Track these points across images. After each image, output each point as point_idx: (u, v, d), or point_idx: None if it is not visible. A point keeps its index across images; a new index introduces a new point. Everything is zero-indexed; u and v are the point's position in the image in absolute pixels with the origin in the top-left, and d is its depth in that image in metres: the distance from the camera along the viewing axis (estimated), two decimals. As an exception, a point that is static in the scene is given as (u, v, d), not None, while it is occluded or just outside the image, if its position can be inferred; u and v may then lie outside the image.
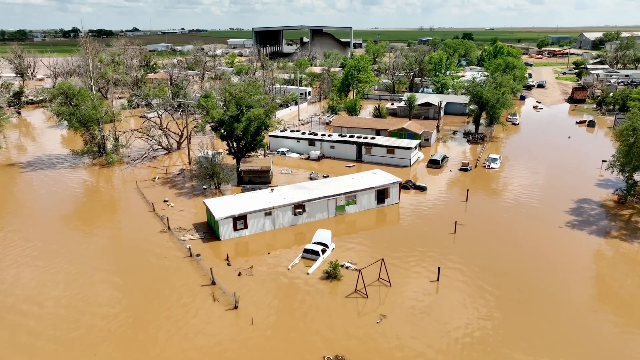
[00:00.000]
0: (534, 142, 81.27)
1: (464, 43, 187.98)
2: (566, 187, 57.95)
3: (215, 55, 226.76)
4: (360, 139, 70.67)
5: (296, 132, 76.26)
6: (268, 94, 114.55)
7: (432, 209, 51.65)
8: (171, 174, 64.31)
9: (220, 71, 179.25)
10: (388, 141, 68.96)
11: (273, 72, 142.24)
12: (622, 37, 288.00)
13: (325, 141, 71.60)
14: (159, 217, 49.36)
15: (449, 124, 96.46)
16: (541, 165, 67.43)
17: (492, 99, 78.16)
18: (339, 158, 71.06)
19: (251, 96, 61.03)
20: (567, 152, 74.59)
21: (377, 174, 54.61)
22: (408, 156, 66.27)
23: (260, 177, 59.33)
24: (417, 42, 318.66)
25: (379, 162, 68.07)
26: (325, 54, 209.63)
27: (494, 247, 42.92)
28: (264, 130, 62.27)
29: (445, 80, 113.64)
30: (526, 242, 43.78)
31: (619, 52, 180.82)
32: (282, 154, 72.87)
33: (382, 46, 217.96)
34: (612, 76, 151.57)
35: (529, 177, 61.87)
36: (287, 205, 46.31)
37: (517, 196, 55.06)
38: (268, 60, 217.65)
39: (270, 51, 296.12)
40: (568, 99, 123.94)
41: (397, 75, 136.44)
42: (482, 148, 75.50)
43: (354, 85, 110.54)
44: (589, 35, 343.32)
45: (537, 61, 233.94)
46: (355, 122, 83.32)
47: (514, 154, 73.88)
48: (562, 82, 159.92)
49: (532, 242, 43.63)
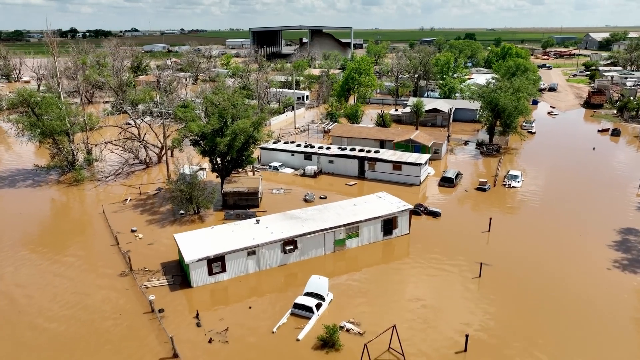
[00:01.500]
0: (554, 154, 73.08)
1: (470, 44, 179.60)
2: (603, 212, 49.77)
3: (210, 56, 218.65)
4: (362, 152, 62.47)
5: (290, 144, 68.06)
6: (262, 98, 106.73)
7: (449, 242, 43.44)
8: (147, 194, 56.14)
9: (215, 73, 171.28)
10: (394, 155, 60.77)
11: (268, 75, 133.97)
12: (631, 37, 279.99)
13: (323, 155, 63.40)
14: (122, 253, 41.17)
15: (458, 132, 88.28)
16: (568, 183, 59.24)
17: (510, 107, 69.99)
18: (338, 174, 62.89)
19: (236, 106, 52.93)
20: (595, 166, 66.40)
21: (383, 198, 46.42)
22: (417, 173, 58.11)
23: (247, 199, 51.18)
24: (419, 42, 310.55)
25: (384, 179, 59.94)
26: (325, 54, 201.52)
27: (532, 298, 34.72)
28: (253, 145, 54.21)
29: (453, 83, 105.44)
30: (570, 291, 35.56)
31: (633, 53, 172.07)
32: (275, 169, 64.70)
33: (384, 47, 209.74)
34: (627, 78, 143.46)
35: (557, 200, 53.67)
36: (275, 242, 38.14)
37: (548, 225, 46.84)
38: (265, 62, 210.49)
39: (269, 52, 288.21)
40: (584, 104, 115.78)
41: (401, 78, 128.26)
42: (499, 162, 67.31)
43: (354, 90, 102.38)
44: (595, 35, 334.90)
45: (543, 62, 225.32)
46: (356, 132, 75.15)
47: (535, 168, 65.69)
48: (574, 84, 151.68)
49: (577, 291, 35.42)
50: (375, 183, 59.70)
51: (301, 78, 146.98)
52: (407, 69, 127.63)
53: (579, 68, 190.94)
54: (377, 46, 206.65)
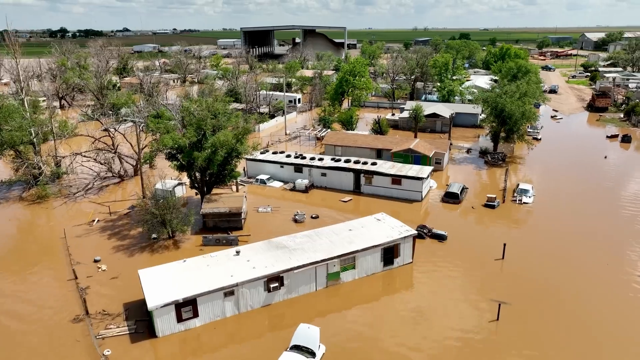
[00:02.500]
0: (563, 163, 67.98)
1: (467, 44, 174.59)
2: (628, 234, 44.54)
3: (200, 56, 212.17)
4: (358, 164, 56.90)
5: (279, 155, 62.32)
6: (251, 102, 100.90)
7: (459, 273, 37.98)
8: (117, 214, 50.20)
9: (204, 74, 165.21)
10: (393, 168, 55.25)
11: (258, 77, 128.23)
12: (629, 37, 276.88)
13: (315, 167, 57.75)
14: (79, 291, 35.28)
15: (459, 138, 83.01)
16: (583, 198, 54.04)
17: (517, 113, 64.76)
18: (331, 188, 57.28)
19: (217, 116, 47.18)
20: (609, 177, 61.30)
21: (382, 221, 40.87)
22: (419, 188, 52.64)
23: (229, 221, 45.42)
24: (413, 42, 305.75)
25: (382, 194, 54.44)
26: (318, 55, 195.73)
27: (561, 348, 29.33)
28: (236, 159, 48.50)
29: (453, 86, 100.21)
30: (605, 331, 30.24)
31: (635, 53, 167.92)
32: (262, 182, 58.96)
33: (379, 47, 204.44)
34: (629, 80, 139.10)
35: (573, 219, 48.40)
36: (258, 279, 32.46)
37: (567, 251, 41.52)
38: (256, 62, 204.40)
39: (261, 52, 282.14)
40: (587, 107, 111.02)
41: (397, 80, 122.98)
42: (506, 173, 62.05)
43: (349, 93, 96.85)
44: (590, 35, 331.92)
45: (542, 63, 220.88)
46: (351, 140, 69.58)
47: (545, 180, 60.46)
48: (574, 86, 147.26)
49: (615, 333, 30.11)
50: (373, 199, 54.20)
51: (293, 80, 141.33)
52: (403, 70, 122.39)
53: (577, 69, 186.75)
54: (371, 46, 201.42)
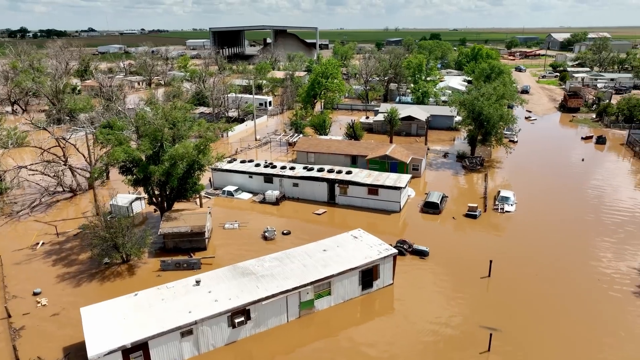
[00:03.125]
0: (542, 167, 66.31)
1: (439, 44, 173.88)
2: (616, 245, 42.53)
3: (167, 58, 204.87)
4: (332, 173, 53.38)
5: (248, 164, 58.18)
6: (220, 106, 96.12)
7: (443, 295, 34.89)
8: (66, 235, 45.08)
9: (171, 76, 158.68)
10: (369, 177, 51.96)
11: (227, 79, 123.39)
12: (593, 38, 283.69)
13: (287, 177, 53.93)
14: (11, 334, 30.40)
15: (435, 141, 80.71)
16: (566, 204, 52.07)
17: (495, 116, 62.65)
18: (304, 199, 53.57)
19: (177, 124, 42.82)
20: (589, 182, 59.76)
21: (360, 239, 37.42)
22: (397, 198, 49.52)
23: (191, 241, 41.14)
24: (385, 42, 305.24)
25: (358, 205, 51.11)
26: (289, 56, 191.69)
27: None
28: (199, 171, 44.24)
29: (427, 87, 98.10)
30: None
31: (601, 53, 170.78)
32: (230, 194, 54.70)
33: (351, 48, 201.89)
34: (597, 80, 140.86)
35: (558, 227, 46.18)
36: (221, 314, 28.46)
37: (557, 265, 39.10)
38: (226, 64, 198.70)
39: (231, 53, 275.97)
40: (560, 107, 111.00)
41: (370, 81, 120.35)
42: (486, 179, 59.78)
43: (321, 95, 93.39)
44: (556, 35, 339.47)
45: (512, 63, 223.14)
46: (324, 146, 66.06)
47: (525, 186, 58.40)
48: (545, 86, 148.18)
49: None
50: (348, 210, 50.79)
51: (263, 82, 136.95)
52: (376, 71, 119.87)
53: (546, 69, 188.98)
54: (343, 47, 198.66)
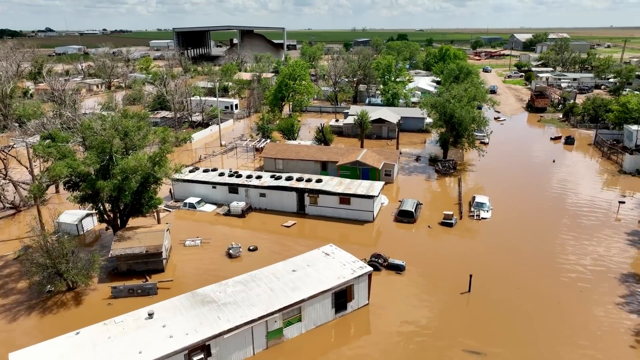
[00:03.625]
0: (515, 169, 65.47)
1: (407, 45, 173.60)
2: (594, 252, 41.33)
3: (128, 59, 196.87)
4: (301, 182, 50.42)
5: (212, 173, 54.52)
6: (182, 110, 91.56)
7: (422, 313, 32.50)
8: (4, 258, 40.34)
9: (132, 79, 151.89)
10: (341, 185, 49.29)
11: (190, 81, 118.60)
12: (554, 38, 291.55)
13: (253, 187, 50.61)
14: None
15: (406, 144, 79.02)
16: (542, 208, 50.88)
17: (467, 119, 61.22)
18: (272, 210, 50.38)
19: (128, 135, 38.91)
20: (562, 184, 59.05)
21: (332, 256, 34.62)
22: (370, 208, 47.04)
23: (147, 262, 37.36)
24: (353, 42, 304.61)
25: (329, 215, 48.36)
26: (257, 57, 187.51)
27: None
28: (155, 184, 40.45)
29: (397, 89, 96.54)
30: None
31: (564, 53, 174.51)
32: (192, 206, 50.91)
33: (319, 48, 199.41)
34: (561, 80, 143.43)
35: (536, 233, 44.74)
36: (176, 353, 25.03)
37: (538, 275, 37.44)
38: (190, 65, 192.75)
39: (196, 54, 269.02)
40: (527, 107, 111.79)
41: (339, 83, 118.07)
42: (460, 184, 58.18)
43: (289, 98, 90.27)
44: (519, 36, 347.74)
45: (477, 63, 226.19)
46: (293, 152, 63.03)
47: (499, 189, 57.13)
48: (511, 86, 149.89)
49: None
50: (319, 221, 47.96)
51: (229, 84, 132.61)
52: (345, 72, 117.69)
53: (512, 69, 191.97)
54: (311, 47, 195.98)
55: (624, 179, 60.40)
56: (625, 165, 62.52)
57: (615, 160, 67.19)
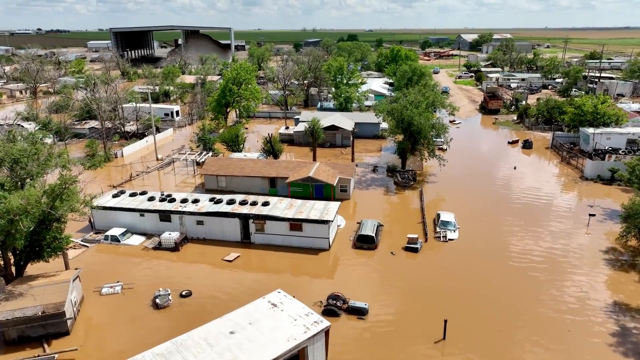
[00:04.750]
0: (477, 178, 61.79)
1: (359, 46, 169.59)
2: (574, 275, 37.42)
3: (59, 62, 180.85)
4: (245, 206, 43.63)
5: (140, 197, 46.59)
6: (113, 120, 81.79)
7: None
8: None
9: (62, 83, 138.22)
10: (291, 208, 42.97)
11: (127, 85, 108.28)
12: (498, 39, 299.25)
13: (188, 214, 43.28)
14: None
15: (362, 152, 74.02)
16: (510, 223, 46.97)
17: (426, 126, 56.70)
18: (212, 240, 43.30)
19: (19, 162, 30.78)
20: (526, 194, 55.71)
21: (280, 308, 28.16)
22: (325, 234, 41.06)
23: (46, 325, 29.41)
24: (303, 43, 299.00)
25: (279, 243, 41.95)
26: (202, 58, 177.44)
27: None
28: (57, 223, 32.46)
29: (350, 92, 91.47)
30: None
31: (511, 54, 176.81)
32: (115, 239, 42.85)
33: (267, 49, 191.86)
34: (510, 80, 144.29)
35: (506, 255, 40.52)
36: None
37: (520, 312, 32.83)
38: (129, 67, 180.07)
39: (138, 55, 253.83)
40: (480, 109, 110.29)
41: (290, 86, 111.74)
42: (421, 198, 53.46)
43: (234, 104, 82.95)
44: (465, 36, 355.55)
45: (428, 64, 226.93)
46: (237, 168, 56.06)
47: (463, 202, 52.92)
48: (463, 87, 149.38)
49: None
50: (267, 251, 41.46)
51: (171, 88, 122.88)
52: (295, 75, 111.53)
53: (461, 69, 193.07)
54: (260, 49, 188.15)
55: (586, 185, 58.03)
56: (587, 171, 60.29)
57: (575, 165, 65.12)
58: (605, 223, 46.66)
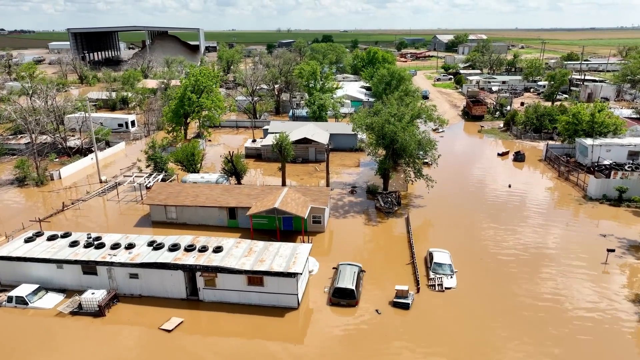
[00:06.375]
0: (468, 200, 54.16)
1: (333, 47, 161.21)
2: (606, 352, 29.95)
3: (8, 65, 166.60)
4: (192, 253, 34.54)
5: (61, 241, 36.98)
6: (53, 133, 71.01)
7: None
8: None
9: (9, 89, 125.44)
10: (249, 255, 34.13)
11: (84, 91, 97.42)
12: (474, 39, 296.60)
13: (118, 265, 33.96)
14: None
15: (338, 167, 65.92)
16: (517, 264, 39.30)
17: (412, 143, 48.76)
18: (150, 298, 34.09)
19: None
20: (526, 222, 48.14)
21: None
22: (293, 289, 32.41)
23: None
24: (277, 44, 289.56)
25: (235, 301, 33.15)
26: (167, 61, 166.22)
27: None
28: None
29: (324, 100, 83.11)
30: None
31: (491, 56, 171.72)
32: (21, 301, 33.15)
33: (238, 51, 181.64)
34: (491, 83, 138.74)
35: (520, 310, 32.78)
36: None
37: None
38: (88, 71, 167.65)
39: (102, 57, 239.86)
40: (463, 115, 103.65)
41: (259, 90, 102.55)
42: (408, 227, 45.43)
43: (194, 115, 73.49)
44: (441, 37, 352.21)
45: (405, 65, 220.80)
46: (190, 196, 46.84)
47: (456, 232, 45.16)
48: (442, 90, 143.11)
49: None
50: (219, 313, 32.57)
51: (129, 94, 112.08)
52: (265, 80, 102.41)
53: (439, 71, 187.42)
54: (229, 51, 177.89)
55: (592, 207, 51.09)
56: (591, 189, 53.45)
57: (575, 182, 58.36)
58: (626, 258, 39.58)
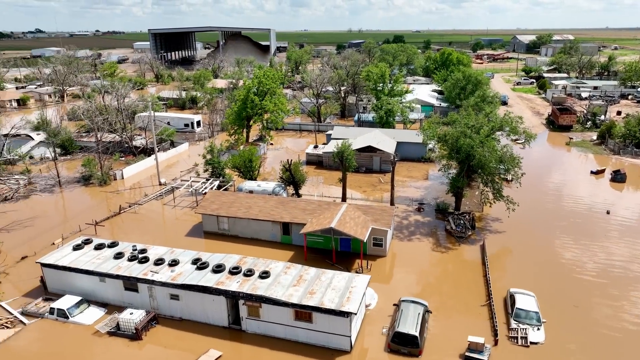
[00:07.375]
0: (557, 227, 46.42)
1: (404, 48, 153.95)
2: None
3: (95, 64, 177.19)
4: (237, 276, 31.31)
5: (107, 250, 35.38)
6: (122, 132, 72.09)
7: None
8: None
9: (92, 87, 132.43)
10: (299, 284, 30.23)
11: (162, 89, 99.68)
12: (560, 39, 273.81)
13: (159, 284, 31.54)
14: None
15: (404, 178, 60.57)
16: (621, 316, 32.13)
17: (491, 160, 42.42)
18: (190, 322, 31.31)
19: None
20: (636, 260, 40.18)
21: None
22: (345, 330, 28.03)
23: None
24: (347, 45, 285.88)
25: (280, 336, 29.39)
26: (238, 61, 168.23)
27: None
28: None
29: (392, 105, 77.69)
30: None
31: (580, 58, 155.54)
32: (62, 315, 31.70)
33: (307, 52, 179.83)
34: (580, 88, 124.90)
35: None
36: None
37: None
38: (164, 70, 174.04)
39: (179, 57, 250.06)
40: (548, 124, 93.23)
41: (325, 92, 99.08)
42: (484, 257, 39.32)
43: (256, 118, 71.41)
44: (522, 37, 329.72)
45: (481, 67, 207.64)
46: (243, 206, 44.00)
47: (541, 268, 38.34)
48: (523, 95, 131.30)
49: None
50: (262, 349, 28.98)
51: (198, 94, 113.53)
52: (331, 81, 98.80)
53: (519, 74, 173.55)
54: (298, 51, 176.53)
55: None
56: None
57: (694, 213, 48.56)
58: None
